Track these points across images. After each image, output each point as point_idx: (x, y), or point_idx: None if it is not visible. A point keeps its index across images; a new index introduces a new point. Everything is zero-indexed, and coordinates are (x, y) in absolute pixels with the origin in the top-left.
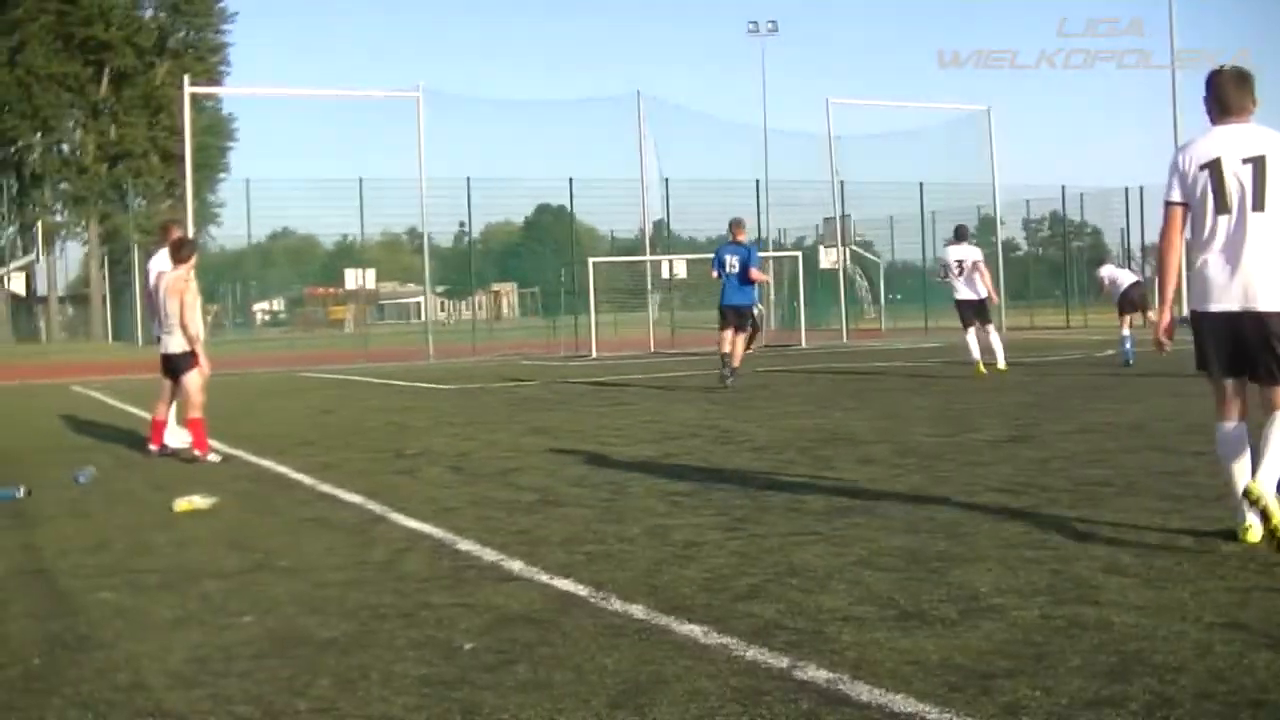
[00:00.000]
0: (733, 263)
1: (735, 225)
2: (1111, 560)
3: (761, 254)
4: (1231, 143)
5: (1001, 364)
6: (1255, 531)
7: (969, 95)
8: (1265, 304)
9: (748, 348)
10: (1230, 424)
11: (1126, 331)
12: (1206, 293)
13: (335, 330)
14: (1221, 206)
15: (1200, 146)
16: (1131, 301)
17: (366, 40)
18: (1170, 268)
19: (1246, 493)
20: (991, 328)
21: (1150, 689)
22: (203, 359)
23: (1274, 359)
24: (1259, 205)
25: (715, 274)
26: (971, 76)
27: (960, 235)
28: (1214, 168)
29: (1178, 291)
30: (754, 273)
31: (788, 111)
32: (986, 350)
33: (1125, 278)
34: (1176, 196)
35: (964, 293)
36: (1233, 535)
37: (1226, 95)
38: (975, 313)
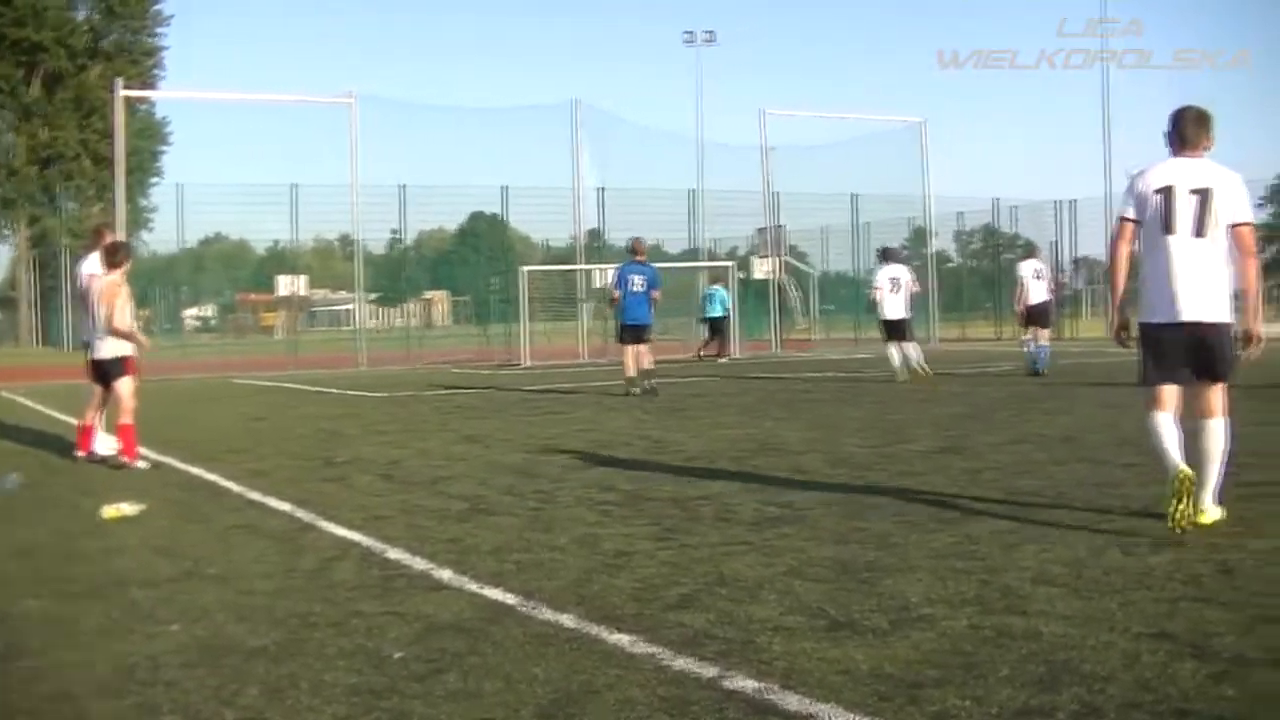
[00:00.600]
0: (639, 282)
1: (637, 244)
2: (1040, 571)
3: (694, 264)
4: (1184, 174)
5: (922, 370)
6: (1209, 514)
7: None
8: (1206, 316)
9: (718, 356)
10: (1166, 413)
11: (1028, 337)
12: (1155, 307)
13: (266, 336)
14: (1169, 229)
15: (1157, 173)
16: (1035, 317)
17: (303, 46)
18: (1120, 275)
19: (1179, 478)
20: (913, 344)
21: (1078, 698)
22: (139, 338)
23: (1213, 361)
24: (1200, 232)
25: (617, 293)
26: (910, 89)
27: (889, 256)
28: (1167, 194)
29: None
30: (657, 295)
31: (724, 122)
32: (906, 360)
33: (1035, 293)
34: (1131, 214)
35: (893, 312)
36: (1161, 516)
37: (1187, 132)
38: (902, 330)
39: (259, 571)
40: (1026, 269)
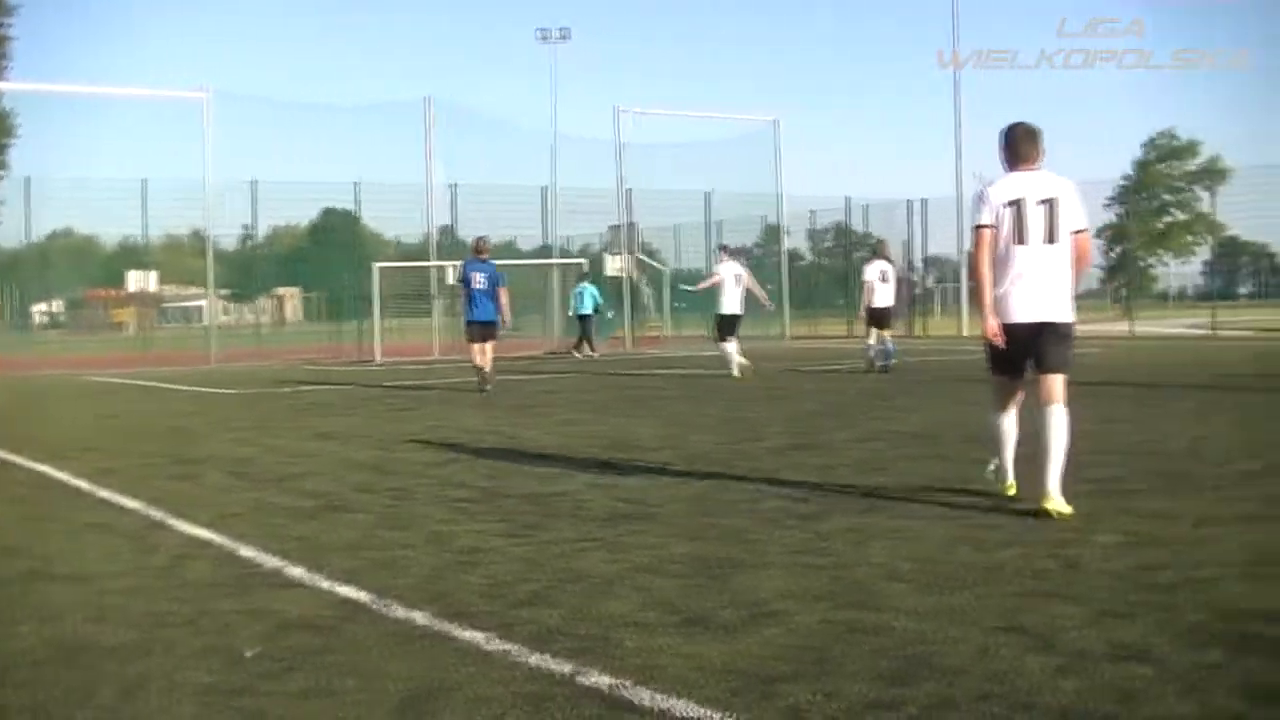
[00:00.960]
0: (479, 280)
1: (479, 242)
2: (892, 567)
3: (546, 261)
4: (1030, 186)
5: (735, 372)
6: (1014, 487)
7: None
8: (1055, 316)
9: (575, 351)
10: (1006, 415)
11: (871, 341)
12: (1009, 309)
13: (117, 333)
14: (1021, 239)
15: (1005, 187)
16: (876, 319)
17: (155, 40)
18: (986, 280)
19: (1044, 511)
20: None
21: (930, 692)
22: None
23: (1059, 352)
24: (1051, 239)
25: (464, 290)
26: (766, 89)
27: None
28: (1018, 206)
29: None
30: (503, 294)
31: (580, 120)
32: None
33: (880, 296)
34: (988, 220)
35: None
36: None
37: (1020, 148)
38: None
39: (111, 570)
40: (872, 271)
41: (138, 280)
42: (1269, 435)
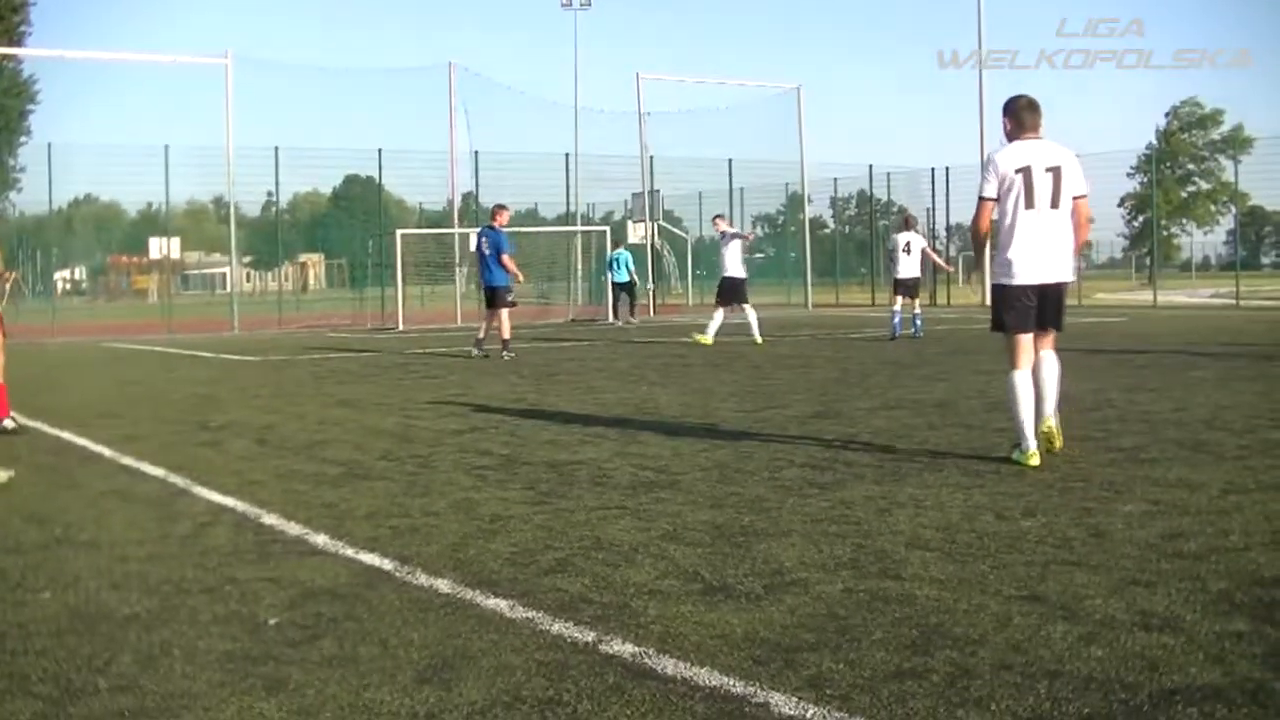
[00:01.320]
0: (485, 246)
1: (495, 209)
2: (914, 535)
3: (569, 228)
4: (1037, 154)
5: (758, 338)
6: (1037, 457)
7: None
8: (1057, 277)
9: (630, 316)
10: (1024, 371)
11: (898, 308)
12: (1015, 269)
13: (139, 300)
14: (1029, 203)
15: (1013, 154)
16: (902, 288)
17: (178, 3)
18: (984, 246)
19: (1044, 433)
20: (749, 307)
21: (951, 660)
22: None
23: (1057, 312)
24: (1055, 204)
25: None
26: (782, 57)
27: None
28: (1026, 173)
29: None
30: (505, 259)
31: (602, 87)
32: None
33: (905, 267)
34: (991, 193)
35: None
36: (1009, 460)
37: (1023, 117)
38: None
39: (132, 538)
40: (898, 241)
41: (160, 247)
42: None
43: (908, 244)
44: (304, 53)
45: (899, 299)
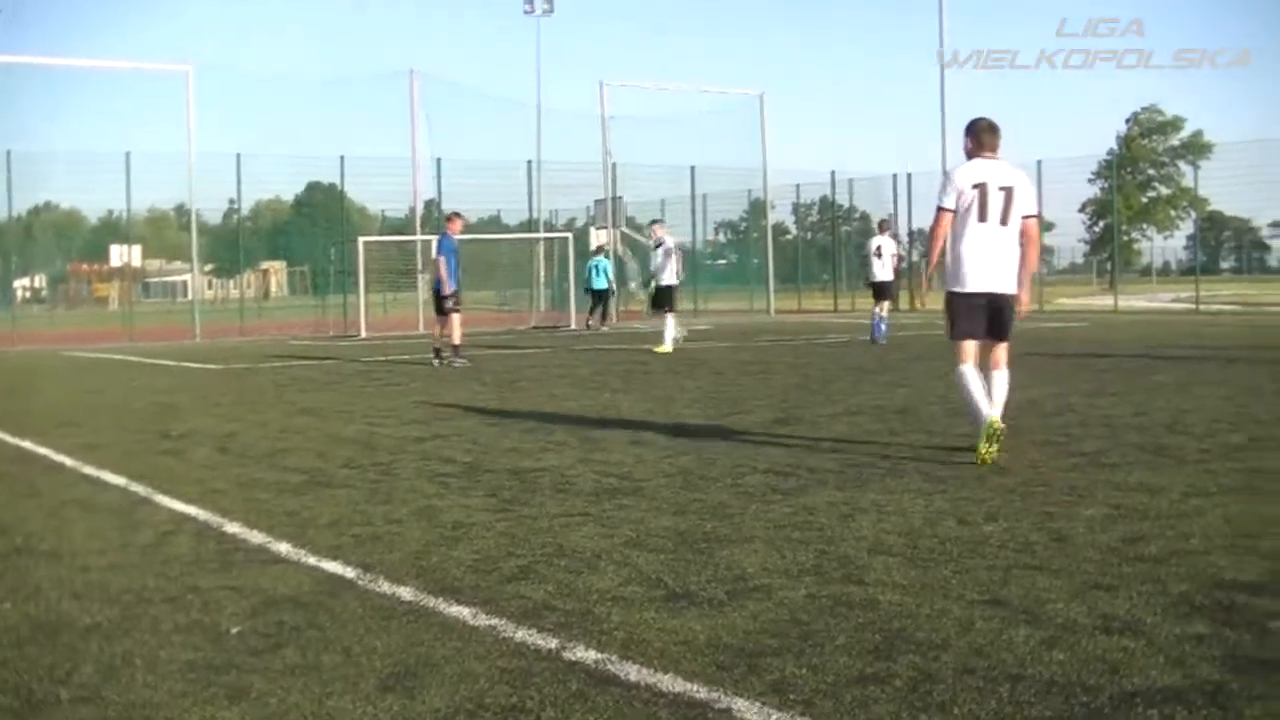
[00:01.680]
0: (433, 253)
1: (448, 217)
2: (877, 540)
3: (532, 235)
4: (993, 173)
5: (668, 346)
6: (998, 421)
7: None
8: (1003, 288)
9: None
10: (969, 365)
11: (876, 309)
12: (966, 279)
13: (100, 308)
14: (982, 217)
15: (972, 171)
16: (880, 293)
17: (139, 11)
18: (937, 255)
19: (990, 426)
20: (671, 316)
21: (914, 665)
22: None
23: (1004, 323)
24: (1005, 221)
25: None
26: (749, 64)
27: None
28: (982, 189)
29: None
30: (437, 261)
31: (565, 93)
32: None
33: (877, 270)
34: (950, 204)
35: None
36: (972, 450)
37: (983, 138)
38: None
39: (93, 547)
40: (870, 246)
41: (121, 255)
42: (1253, 409)
43: (879, 248)
44: (266, 61)
45: (885, 303)
